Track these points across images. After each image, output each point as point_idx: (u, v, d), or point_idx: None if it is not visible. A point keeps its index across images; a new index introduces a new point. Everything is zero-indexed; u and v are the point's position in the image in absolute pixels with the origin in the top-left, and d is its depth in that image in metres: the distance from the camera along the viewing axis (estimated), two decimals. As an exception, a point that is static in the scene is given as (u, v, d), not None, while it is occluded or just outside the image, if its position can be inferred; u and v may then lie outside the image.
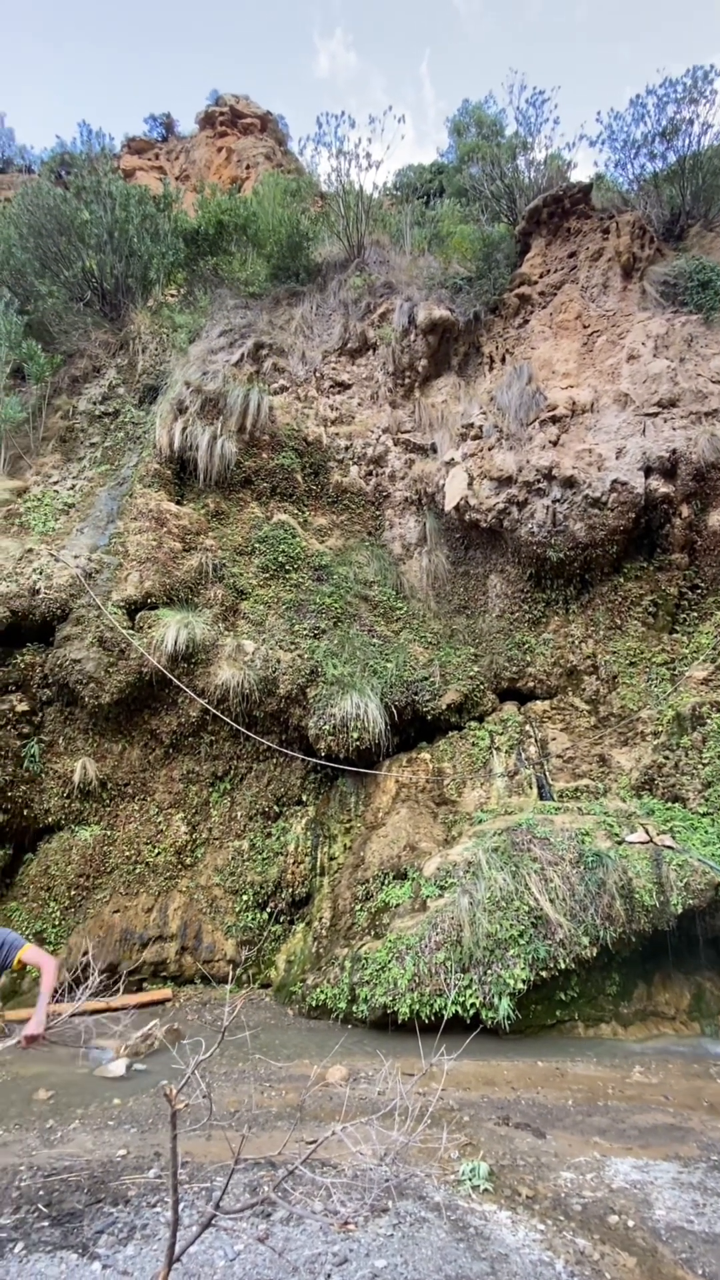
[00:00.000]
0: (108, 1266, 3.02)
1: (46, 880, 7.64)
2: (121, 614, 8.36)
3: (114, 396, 11.09)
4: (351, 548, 10.26)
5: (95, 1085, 5.37)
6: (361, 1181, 3.54)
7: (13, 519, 9.21)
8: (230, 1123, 4.47)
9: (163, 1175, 3.90)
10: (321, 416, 11.04)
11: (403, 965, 6.21)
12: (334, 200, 13.61)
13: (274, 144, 24.09)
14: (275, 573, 9.58)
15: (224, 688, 8.28)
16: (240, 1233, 3.30)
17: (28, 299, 11.79)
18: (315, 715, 8.31)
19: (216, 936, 7.78)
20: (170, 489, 9.85)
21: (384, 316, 11.53)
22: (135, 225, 11.87)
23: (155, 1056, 5.98)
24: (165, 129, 25.75)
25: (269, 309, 12.44)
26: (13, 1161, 4.07)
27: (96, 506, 9.57)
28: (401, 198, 17.88)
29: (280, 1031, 6.50)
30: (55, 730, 8.14)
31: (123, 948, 7.51)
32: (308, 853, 8.16)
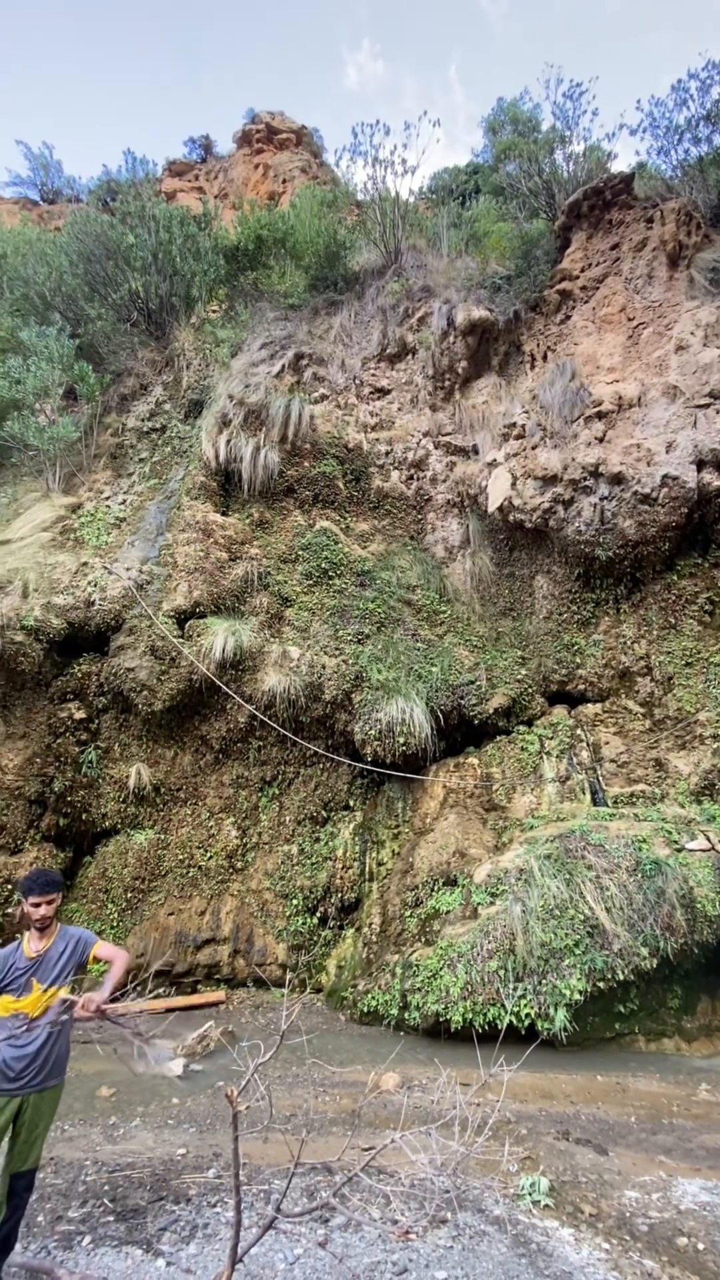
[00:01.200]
0: (171, 1264, 3.09)
1: (104, 882, 7.88)
2: (172, 623, 8.58)
3: (161, 412, 11.42)
4: (393, 552, 10.26)
5: (154, 1084, 5.50)
6: (420, 1191, 3.51)
7: (68, 534, 9.58)
8: (286, 1126, 4.50)
9: (222, 1176, 3.95)
10: (361, 423, 11.10)
11: (455, 973, 6.14)
12: (370, 208, 13.70)
13: (309, 157, 24.44)
14: (319, 579, 9.66)
15: (271, 694, 8.39)
16: (300, 1236, 3.32)
17: (78, 322, 12.28)
18: (361, 720, 8.32)
19: (268, 940, 7.87)
20: (216, 500, 10.06)
21: (422, 320, 11.52)
22: (178, 245, 12.22)
23: (211, 1057, 6.08)
24: (204, 150, 26.46)
25: (308, 319, 12.60)
26: (78, 1156, 4.21)
27: (146, 519, 9.86)
28: (437, 200, 17.86)
29: (333, 1037, 6.52)
30: (111, 737, 8.41)
31: (178, 949, 7.67)
32: (356, 858, 8.17)
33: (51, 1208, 3.58)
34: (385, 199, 13.06)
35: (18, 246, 14.79)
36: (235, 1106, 2.37)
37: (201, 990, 7.67)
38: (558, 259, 11.40)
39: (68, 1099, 5.04)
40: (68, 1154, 4.24)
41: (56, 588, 8.42)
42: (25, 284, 12.80)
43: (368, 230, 13.87)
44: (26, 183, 23.76)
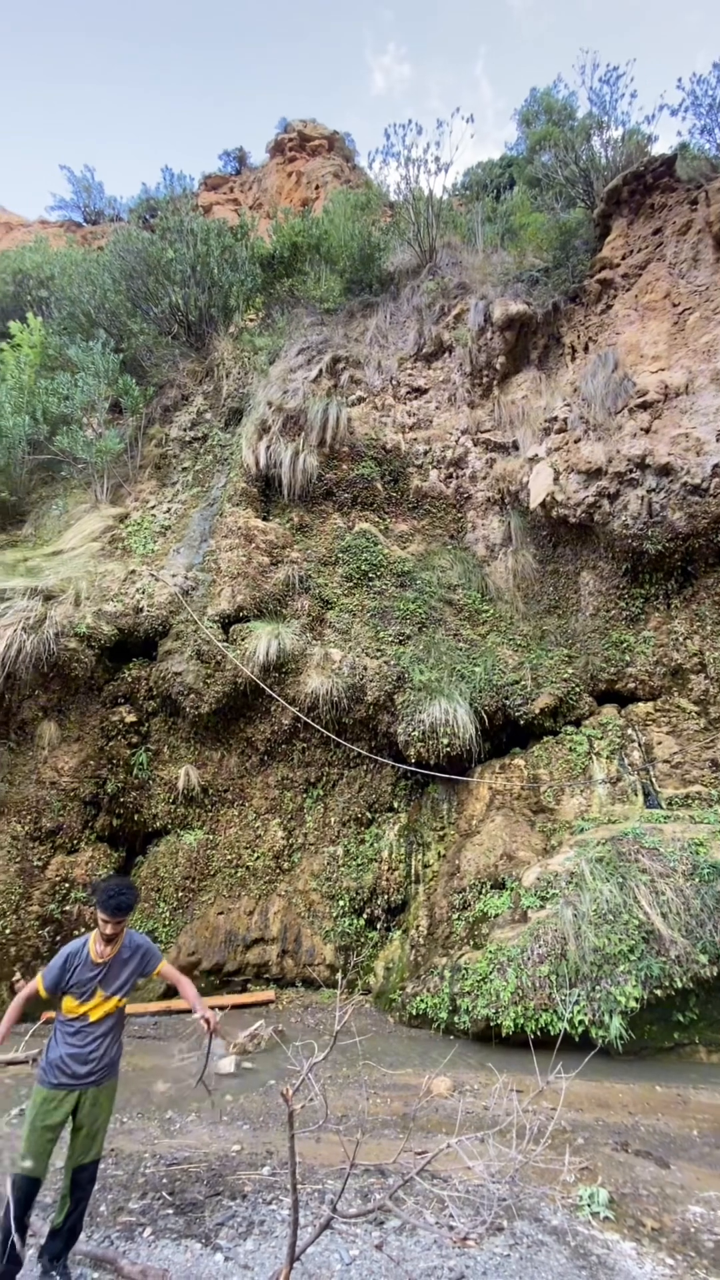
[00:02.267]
0: (230, 1259, 3.13)
1: (156, 882, 8.07)
2: (216, 628, 8.74)
3: (202, 422, 11.66)
4: (433, 552, 10.20)
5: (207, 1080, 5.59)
6: (475, 1197, 3.47)
7: (116, 543, 9.88)
8: (339, 1127, 4.52)
9: (277, 1173, 3.99)
10: (399, 423, 11.08)
11: (504, 977, 6.05)
12: (403, 209, 13.68)
13: (341, 161, 24.57)
14: (359, 581, 9.68)
15: (313, 696, 8.45)
16: (355, 1238, 3.32)
17: (122, 338, 12.66)
18: (403, 721, 8.30)
19: (315, 941, 7.92)
20: (257, 506, 10.21)
21: (458, 317, 11.43)
22: (215, 257, 12.46)
23: (262, 1056, 6.16)
24: (238, 162, 26.92)
25: (344, 323, 12.66)
26: (138, 1149, 4.32)
27: (190, 527, 10.08)
28: (471, 196, 17.70)
29: (382, 1039, 6.51)
30: (160, 739, 8.62)
31: (227, 949, 7.80)
32: (401, 859, 8.14)
33: (113, 1198, 3.68)
34: (419, 198, 13.02)
35: (64, 267, 15.35)
36: (290, 1106, 2.39)
37: (251, 989, 7.77)
38: (597, 248, 11.14)
39: (125, 1093, 5.18)
40: (127, 1146, 4.36)
41: (106, 595, 8.69)
42: (72, 303, 13.28)
43: (401, 230, 13.85)
44: (70, 205, 24.64)
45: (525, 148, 19.86)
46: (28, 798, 7.59)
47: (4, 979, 7.01)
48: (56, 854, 7.67)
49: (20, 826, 7.48)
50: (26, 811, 7.56)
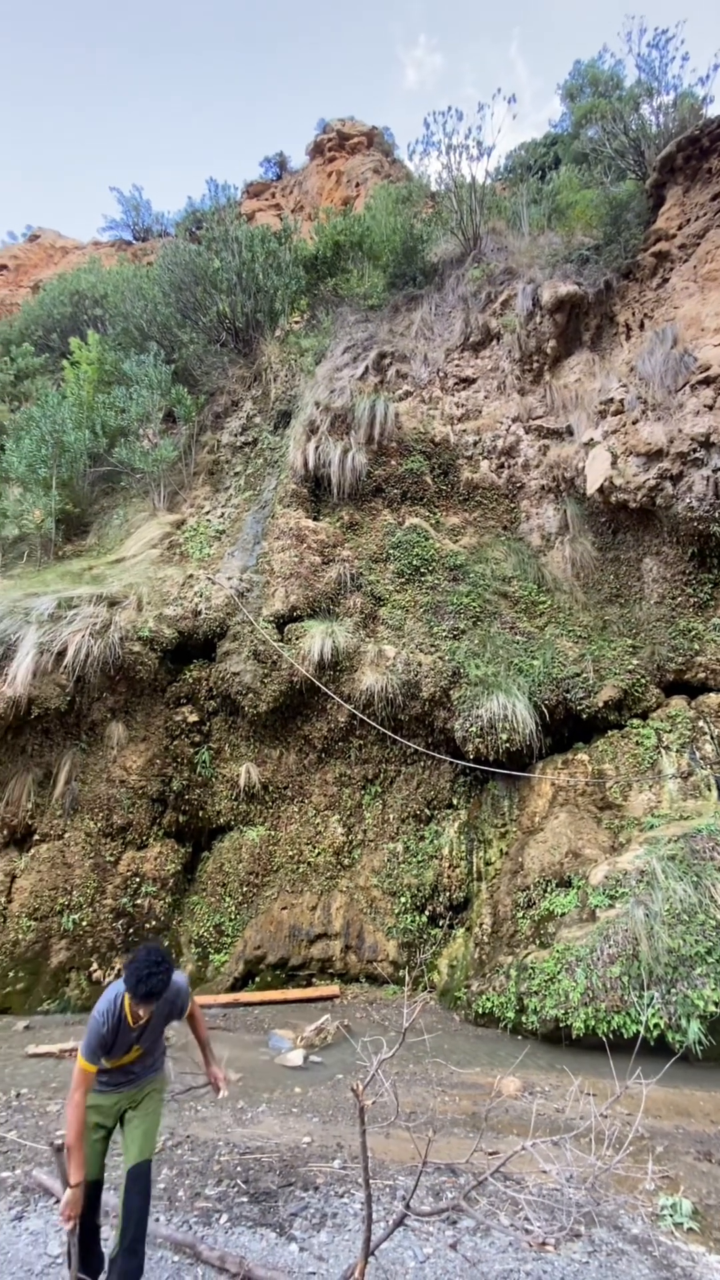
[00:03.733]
0: (304, 1249, 3.17)
1: (221, 877, 8.28)
2: (272, 628, 8.88)
3: (252, 426, 11.85)
4: (486, 544, 10.02)
5: (277, 1072, 5.69)
6: (551, 1201, 3.39)
7: (174, 549, 10.18)
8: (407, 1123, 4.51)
9: (348, 1166, 4.02)
10: (447, 415, 10.94)
11: (573, 978, 5.89)
12: (445, 198, 13.48)
13: (381, 157, 24.46)
14: (410, 577, 9.62)
15: (368, 693, 8.46)
16: (429, 1236, 3.31)
17: (173, 349, 13.01)
18: (460, 717, 8.20)
19: (378, 937, 7.93)
20: (307, 506, 10.30)
21: (506, 303, 11.18)
22: (260, 263, 12.63)
23: (329, 1050, 6.21)
24: (279, 167, 27.22)
25: (388, 318, 12.60)
26: (212, 1137, 4.43)
27: (244, 530, 10.27)
28: (515, 179, 17.27)
29: (448, 1037, 6.46)
30: (221, 738, 8.83)
31: (291, 943, 7.91)
32: (463, 857, 8.05)
33: (190, 1184, 3.79)
34: (460, 185, 12.80)
35: (117, 285, 15.90)
36: (361, 1101, 2.39)
37: (316, 984, 7.86)
38: (651, 219, 10.66)
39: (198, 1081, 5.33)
40: (202, 1134, 4.48)
41: (166, 600, 8.96)
42: (125, 318, 13.74)
43: (444, 220, 13.65)
44: (120, 225, 25.52)
45: (570, 123, 19.21)
46: (99, 796, 7.92)
47: (82, 968, 7.34)
48: (127, 850, 7.98)
49: (93, 823, 7.82)
50: (99, 809, 7.89)
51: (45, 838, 7.62)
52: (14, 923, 7.16)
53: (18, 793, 7.64)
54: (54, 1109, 4.73)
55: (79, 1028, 6.59)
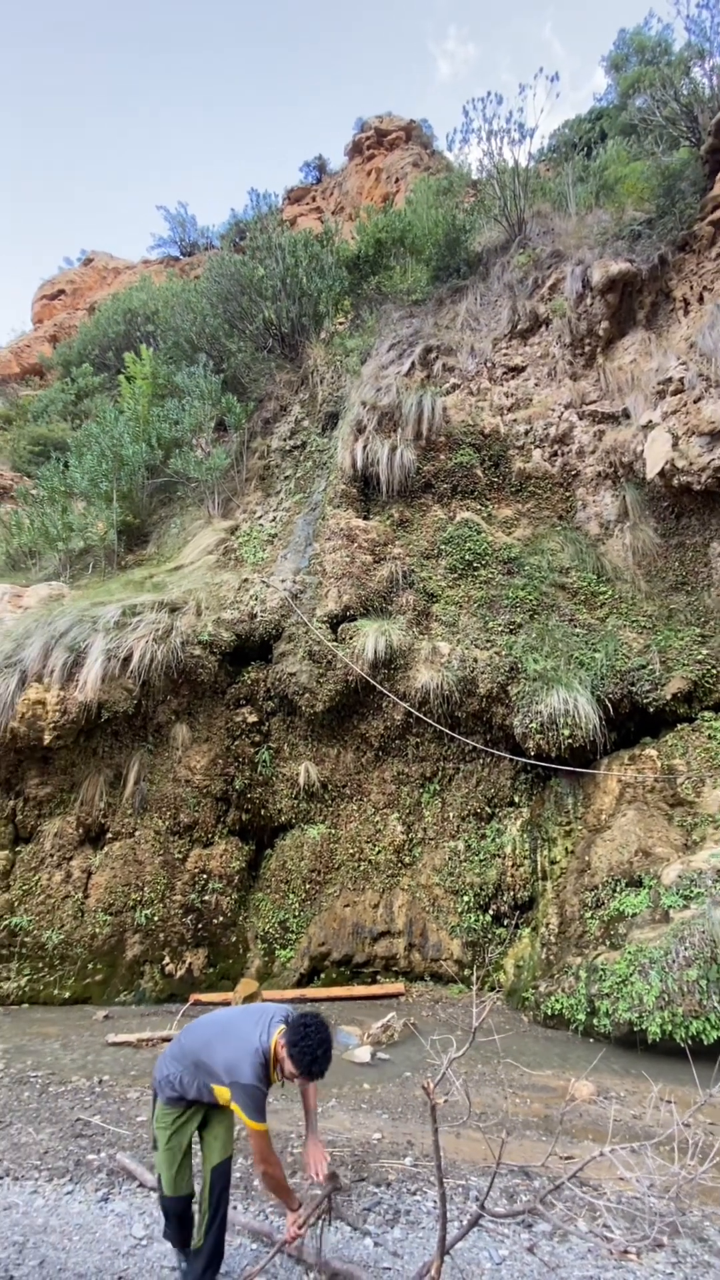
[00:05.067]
0: (379, 1244, 3.19)
1: (284, 874, 8.42)
2: (325, 628, 8.96)
3: (300, 430, 12.00)
4: (541, 535, 9.79)
5: (345, 1068, 5.74)
6: (631, 1209, 3.28)
7: (229, 554, 10.42)
8: (478, 1124, 4.46)
9: (419, 1164, 4.02)
10: (496, 405, 10.75)
11: (647, 980, 5.68)
12: (487, 185, 13.26)
13: (420, 150, 24.26)
14: (463, 572, 9.51)
15: (424, 690, 8.41)
16: (504, 1238, 3.27)
17: (221, 358, 13.32)
18: (520, 714, 8.04)
19: (441, 935, 7.88)
20: (357, 506, 10.33)
21: (554, 287, 10.89)
22: (303, 268, 12.77)
23: (396, 1047, 6.22)
24: (319, 170, 27.40)
25: (433, 311, 12.49)
26: (284, 1129, 4.51)
27: (295, 533, 10.41)
28: (559, 158, 16.79)
29: (517, 1038, 6.35)
30: (280, 738, 8.98)
31: (355, 940, 7.96)
32: (526, 855, 7.90)
33: (266, 1173, 3.87)
34: (502, 171, 12.55)
35: (166, 300, 16.42)
36: (433, 1099, 2.39)
37: (380, 981, 7.89)
38: (707, 186, 10.16)
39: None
40: (275, 1125, 4.57)
41: (223, 604, 9.18)
42: (175, 332, 14.17)
43: (487, 208, 13.42)
44: (168, 242, 26.31)
45: (616, 95, 18.52)
46: (166, 795, 8.20)
47: (155, 962, 7.62)
48: (194, 847, 8.22)
49: (161, 822, 8.10)
50: (166, 808, 8.16)
51: (117, 836, 7.95)
52: (91, 917, 7.50)
53: (91, 793, 8.00)
54: (134, 1095, 4.93)
55: (154, 1019, 6.84)
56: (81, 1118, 4.52)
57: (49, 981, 7.32)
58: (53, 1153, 4.00)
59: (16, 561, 11.98)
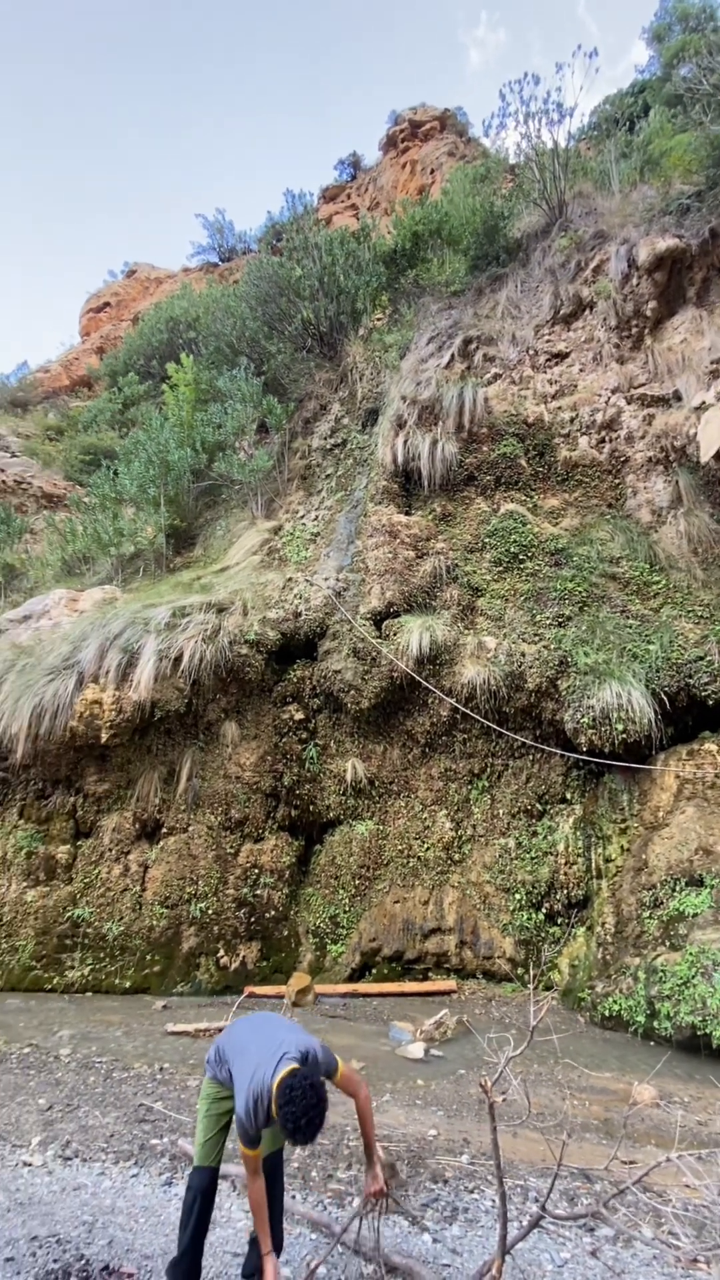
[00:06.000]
0: (438, 1241, 3.18)
1: (333, 870, 8.48)
2: (369, 625, 8.97)
3: (340, 428, 12.03)
4: (590, 525, 9.53)
5: (398, 1064, 5.75)
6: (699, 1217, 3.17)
7: (273, 554, 10.55)
8: (535, 1124, 4.40)
9: (475, 1162, 3.99)
10: (540, 393, 10.51)
11: (710, 983, 5.48)
12: (525, 169, 12.97)
13: (455, 138, 23.94)
14: (509, 565, 9.35)
15: (470, 686, 8.32)
16: (565, 1240, 3.21)
17: (261, 361, 13.47)
18: (570, 708, 7.86)
19: (493, 934, 7.80)
20: (398, 501, 10.29)
21: (598, 269, 10.57)
22: (340, 265, 12.77)
23: (449, 1044, 6.19)
24: (353, 167, 27.37)
25: (472, 302, 12.31)
26: (340, 1122, 4.55)
27: (337, 531, 10.45)
28: (601, 135, 16.27)
29: (574, 1039, 6.22)
30: (326, 735, 9.04)
31: (405, 936, 7.96)
32: (580, 853, 7.72)
33: (323, 1165, 3.92)
34: (541, 153, 12.24)
35: (207, 307, 16.72)
36: (491, 1098, 2.36)
37: (432, 978, 7.86)
38: (761, 152, 9.66)
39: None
40: (330, 1118, 4.60)
41: (269, 603, 9.31)
42: (216, 337, 14.42)
43: (525, 192, 13.14)
44: (207, 249, 26.79)
45: (659, 66, 17.83)
46: (218, 791, 8.38)
47: (210, 954, 7.80)
48: (245, 842, 8.37)
49: (214, 817, 8.28)
50: (218, 804, 8.34)
51: (172, 831, 8.17)
52: (148, 910, 7.74)
53: (146, 789, 8.24)
54: (193, 1083, 5.05)
55: (211, 1010, 7.00)
56: (144, 1103, 4.66)
57: (110, 971, 7.58)
58: (118, 1136, 4.15)
59: (71, 567, 12.43)
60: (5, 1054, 5.51)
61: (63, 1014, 6.77)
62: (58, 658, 8.42)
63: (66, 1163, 3.77)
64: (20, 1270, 2.77)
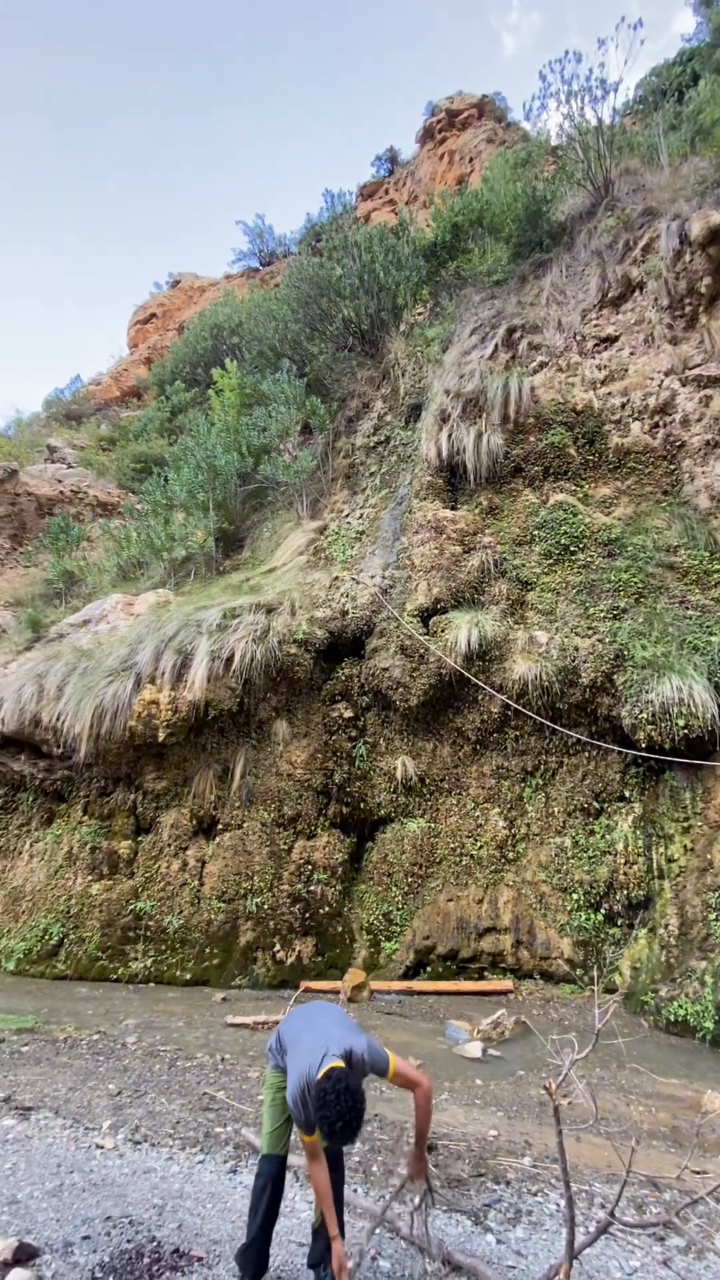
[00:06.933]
0: (502, 1242, 3.15)
1: (386, 867, 8.50)
2: (416, 622, 8.93)
3: (383, 425, 12.01)
4: (644, 513, 9.21)
5: (456, 1062, 5.72)
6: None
7: (319, 554, 10.63)
8: (600, 1130, 4.29)
9: (538, 1165, 3.93)
10: (588, 380, 10.23)
11: (785, 989, 5.23)
12: (569, 149, 12.61)
13: (494, 125, 23.52)
14: (559, 557, 9.13)
15: (521, 682, 8.18)
16: (634, 1249, 3.13)
17: (304, 362, 13.58)
18: (628, 704, 7.63)
19: (550, 934, 7.65)
20: (444, 496, 10.20)
21: (648, 248, 10.20)
22: (380, 262, 12.74)
23: (507, 1045, 6.12)
24: (390, 163, 27.25)
25: (515, 290, 12.08)
26: (399, 1118, 4.56)
27: (382, 528, 10.44)
28: (647, 109, 15.69)
29: (637, 1044, 6.05)
30: (376, 732, 9.06)
31: (460, 935, 7.90)
32: (640, 853, 7.49)
33: (383, 1160, 3.93)
34: (585, 132, 11.90)
35: (249, 312, 16.96)
36: (556, 1101, 2.32)
37: (488, 977, 7.78)
38: None
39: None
40: (389, 1114, 4.63)
41: (316, 603, 9.39)
42: (259, 341, 14.62)
43: (569, 173, 12.79)
44: (248, 254, 27.17)
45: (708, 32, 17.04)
46: (270, 788, 8.51)
47: (266, 949, 7.94)
48: (298, 839, 8.48)
49: (267, 814, 8.42)
50: (271, 801, 8.48)
51: (227, 827, 8.35)
52: (207, 904, 7.94)
53: (202, 786, 8.45)
54: (253, 1075, 5.16)
55: (268, 1003, 7.13)
56: (207, 1092, 4.79)
57: (171, 963, 7.82)
58: (184, 1123, 4.27)
59: (126, 572, 12.85)
60: (76, 1040, 5.76)
61: (128, 1003, 7.02)
62: (116, 660, 8.73)
63: (136, 1146, 3.91)
64: (96, 1248, 2.89)
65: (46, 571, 13.74)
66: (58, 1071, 5.02)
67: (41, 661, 9.49)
